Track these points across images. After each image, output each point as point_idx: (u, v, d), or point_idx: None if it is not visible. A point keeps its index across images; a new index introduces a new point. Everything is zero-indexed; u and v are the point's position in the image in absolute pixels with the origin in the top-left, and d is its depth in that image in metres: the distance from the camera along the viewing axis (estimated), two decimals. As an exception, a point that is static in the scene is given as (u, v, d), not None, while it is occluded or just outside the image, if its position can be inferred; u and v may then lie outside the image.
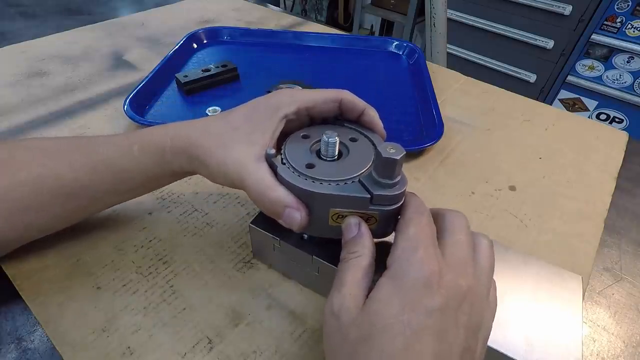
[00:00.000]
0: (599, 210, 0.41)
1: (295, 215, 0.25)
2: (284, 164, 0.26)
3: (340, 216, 0.25)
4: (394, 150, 0.23)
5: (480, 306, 0.21)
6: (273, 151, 0.26)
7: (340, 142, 0.28)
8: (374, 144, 0.29)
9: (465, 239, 0.23)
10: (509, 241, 0.38)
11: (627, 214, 0.43)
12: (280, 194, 0.25)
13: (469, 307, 0.20)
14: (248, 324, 0.30)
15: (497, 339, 0.25)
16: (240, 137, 0.27)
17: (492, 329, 0.25)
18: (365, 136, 0.29)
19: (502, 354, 0.24)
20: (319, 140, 0.28)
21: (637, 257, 0.38)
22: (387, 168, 0.23)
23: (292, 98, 0.29)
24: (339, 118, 0.31)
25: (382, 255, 0.23)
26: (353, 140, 0.29)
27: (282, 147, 0.28)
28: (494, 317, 0.23)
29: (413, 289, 0.19)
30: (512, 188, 0.44)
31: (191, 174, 0.31)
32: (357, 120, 0.30)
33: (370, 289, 0.21)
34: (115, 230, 0.36)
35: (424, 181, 0.44)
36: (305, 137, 0.29)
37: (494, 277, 0.26)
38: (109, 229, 0.36)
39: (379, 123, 0.30)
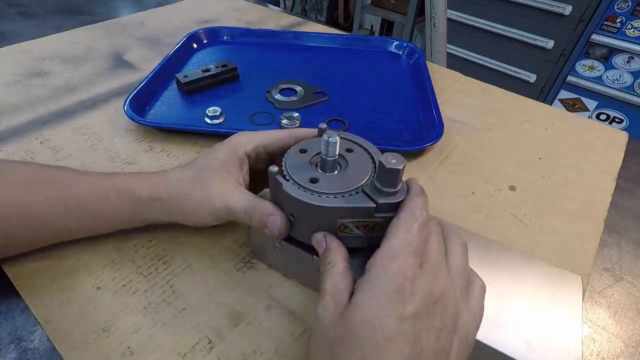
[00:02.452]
0: (599, 210, 0.41)
1: (276, 221, 0.27)
2: (288, 180, 0.27)
3: (346, 226, 0.26)
4: (395, 161, 0.24)
5: (454, 308, 0.21)
6: (276, 168, 0.27)
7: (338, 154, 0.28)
8: (369, 153, 0.29)
9: (437, 244, 0.23)
10: (509, 241, 0.38)
11: (627, 214, 0.43)
12: (265, 204, 0.28)
13: (441, 310, 0.20)
14: (248, 324, 0.30)
15: (497, 339, 0.25)
16: (212, 175, 0.30)
17: (492, 329, 0.25)
18: (360, 145, 0.30)
19: (502, 354, 0.24)
20: (318, 153, 0.29)
21: (637, 257, 0.38)
22: (390, 178, 0.24)
23: (249, 138, 0.32)
24: None
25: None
26: (349, 150, 0.30)
27: (283, 164, 0.28)
28: (476, 317, 0.23)
29: (387, 296, 0.20)
30: (512, 188, 0.44)
31: (165, 222, 0.33)
32: None
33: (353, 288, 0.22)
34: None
35: (424, 181, 0.44)
36: (302, 151, 0.30)
37: (495, 275, 0.26)
38: (109, 229, 0.36)
39: None
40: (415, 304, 0.20)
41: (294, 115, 0.48)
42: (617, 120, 1.53)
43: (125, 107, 0.48)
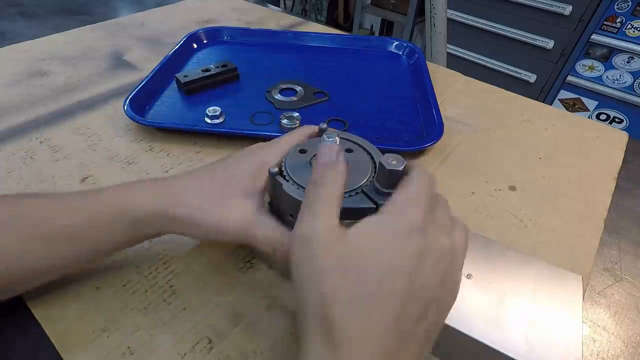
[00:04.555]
0: (599, 210, 0.41)
1: None
2: (287, 180, 0.27)
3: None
4: (395, 162, 0.24)
5: (456, 268, 0.21)
6: (276, 169, 0.27)
7: None
8: (369, 153, 0.29)
9: (447, 216, 0.23)
10: (509, 241, 0.38)
11: (627, 214, 0.43)
12: None
13: (446, 263, 0.20)
14: (248, 324, 0.30)
15: (497, 339, 0.25)
16: (234, 192, 0.27)
17: (492, 329, 0.25)
18: (360, 146, 0.30)
19: (502, 353, 0.24)
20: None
21: (637, 257, 0.38)
22: (391, 179, 0.24)
23: (274, 152, 0.29)
24: None
25: None
26: (349, 151, 0.30)
27: (283, 164, 0.28)
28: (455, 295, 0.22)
29: (398, 230, 0.20)
30: (512, 188, 0.44)
31: (165, 233, 0.29)
32: None
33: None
34: (115, 230, 0.36)
35: (424, 181, 0.44)
36: (302, 151, 0.30)
37: (494, 275, 0.26)
38: (109, 229, 0.36)
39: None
40: (422, 244, 0.20)
41: (294, 115, 0.48)
42: (617, 120, 1.53)
43: (125, 107, 0.48)
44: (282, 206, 0.28)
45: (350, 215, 0.25)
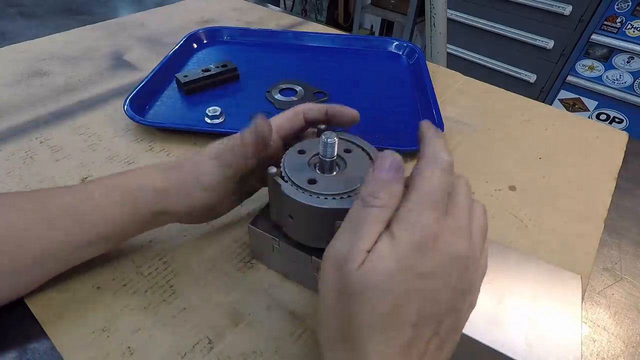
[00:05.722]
0: (599, 210, 0.41)
1: (262, 121, 0.28)
2: (286, 181, 0.27)
3: None
4: None
5: (473, 269, 0.21)
6: (274, 170, 0.27)
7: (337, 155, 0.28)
8: (367, 153, 0.29)
9: (466, 202, 0.22)
10: (509, 241, 0.38)
11: (627, 214, 0.43)
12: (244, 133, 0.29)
13: (461, 271, 0.20)
14: (248, 324, 0.30)
15: (497, 339, 0.25)
16: (200, 159, 0.31)
17: (492, 328, 0.25)
18: (358, 145, 0.30)
19: (502, 354, 0.24)
20: (316, 154, 0.29)
21: (637, 257, 0.38)
22: None
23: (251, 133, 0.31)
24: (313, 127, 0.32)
25: None
26: (347, 151, 0.30)
27: (281, 164, 0.28)
28: (482, 278, 0.23)
29: (409, 251, 0.19)
30: (512, 188, 0.44)
31: (160, 216, 0.31)
32: (326, 121, 0.32)
33: None
34: (115, 230, 0.36)
35: (424, 181, 0.44)
36: (301, 152, 0.30)
37: (494, 275, 0.27)
38: (109, 229, 0.36)
39: (343, 109, 0.32)
40: (435, 261, 0.19)
41: (294, 115, 0.48)
42: (617, 120, 1.53)
43: (125, 107, 0.48)
44: (281, 207, 0.28)
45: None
